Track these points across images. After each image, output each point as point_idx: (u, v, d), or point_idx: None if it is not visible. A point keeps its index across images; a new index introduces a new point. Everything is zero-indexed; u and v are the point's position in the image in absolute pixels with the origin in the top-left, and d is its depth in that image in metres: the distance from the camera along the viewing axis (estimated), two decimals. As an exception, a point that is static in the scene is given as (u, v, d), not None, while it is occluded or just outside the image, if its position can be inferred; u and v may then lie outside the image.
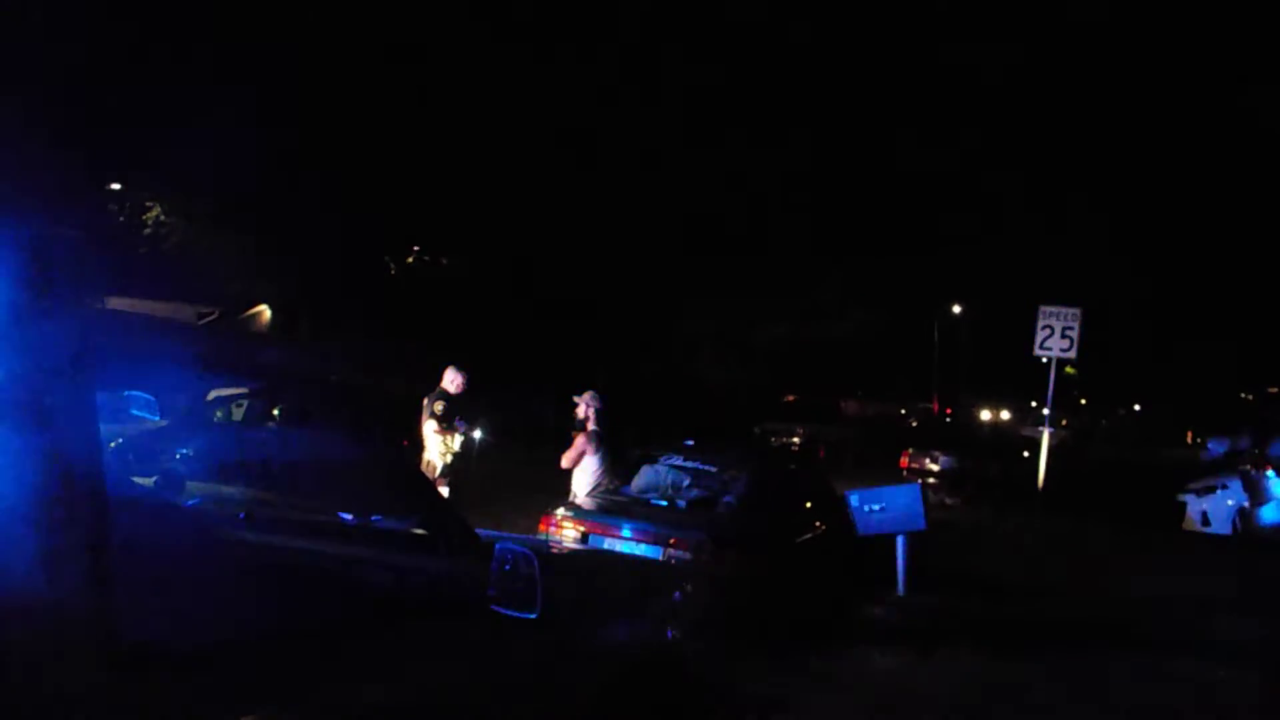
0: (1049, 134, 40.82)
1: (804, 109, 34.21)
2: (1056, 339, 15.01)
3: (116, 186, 26.10)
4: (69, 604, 1.96)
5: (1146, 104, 42.98)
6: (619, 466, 8.61)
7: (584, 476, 8.40)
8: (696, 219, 31.09)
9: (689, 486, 8.29)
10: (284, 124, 25.03)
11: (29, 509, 1.94)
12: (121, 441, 5.76)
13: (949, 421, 34.13)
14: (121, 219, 26.01)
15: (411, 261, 32.68)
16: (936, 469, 20.18)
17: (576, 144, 29.39)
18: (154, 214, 26.62)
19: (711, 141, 31.90)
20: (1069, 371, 33.37)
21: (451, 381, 8.71)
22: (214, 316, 23.04)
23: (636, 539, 7.31)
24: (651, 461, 8.62)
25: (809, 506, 9.07)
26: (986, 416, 35.05)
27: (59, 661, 1.98)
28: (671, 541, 7.20)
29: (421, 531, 2.93)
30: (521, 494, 9.64)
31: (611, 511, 7.79)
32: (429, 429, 8.58)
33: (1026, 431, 25.70)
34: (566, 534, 7.46)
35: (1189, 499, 16.18)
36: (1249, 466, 16.06)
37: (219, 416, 9.06)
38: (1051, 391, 15.53)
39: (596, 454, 8.41)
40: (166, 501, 3.44)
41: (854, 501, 8.70)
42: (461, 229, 29.58)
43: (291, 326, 23.42)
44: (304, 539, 3.52)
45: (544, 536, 7.49)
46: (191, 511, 3.49)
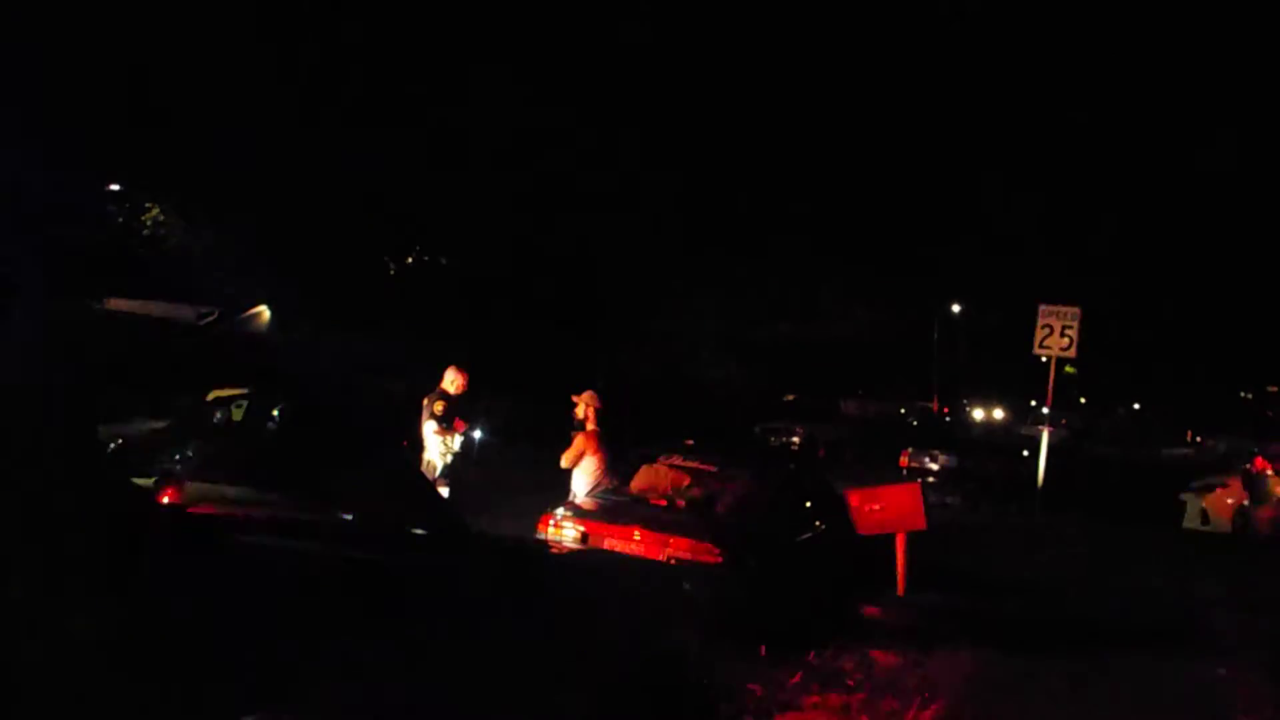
0: (1051, 131, 40.79)
1: (806, 107, 34.21)
2: (1056, 338, 15.03)
3: (116, 187, 26.06)
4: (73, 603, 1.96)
5: (1147, 103, 43.02)
6: (619, 466, 8.61)
7: (584, 476, 8.40)
8: (697, 217, 31.10)
9: (689, 486, 8.30)
10: (283, 123, 25.04)
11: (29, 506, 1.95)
12: (121, 442, 5.77)
13: (947, 421, 34.13)
14: (120, 220, 25.96)
15: (411, 262, 32.65)
16: (936, 468, 20.21)
17: (576, 142, 29.37)
18: (153, 214, 26.57)
19: (712, 139, 31.90)
20: (1069, 370, 33.39)
21: (451, 382, 8.71)
22: (213, 317, 22.94)
23: (636, 538, 7.31)
24: (651, 461, 8.61)
25: (808, 506, 9.07)
26: (984, 415, 35.04)
27: (68, 660, 1.98)
28: (671, 541, 7.20)
29: (422, 532, 2.93)
30: (521, 494, 9.63)
31: (611, 511, 7.79)
32: (429, 429, 8.58)
33: (1026, 430, 25.71)
34: (566, 534, 7.45)
35: (1189, 497, 16.19)
36: (1248, 465, 16.08)
37: (219, 417, 9.07)
38: (1051, 390, 15.55)
39: (596, 454, 8.41)
40: (165, 502, 3.44)
41: (854, 501, 8.70)
42: (460, 229, 29.57)
43: (291, 327, 23.38)
44: (304, 540, 3.52)
45: (544, 536, 7.49)
46: (191, 512, 3.48)
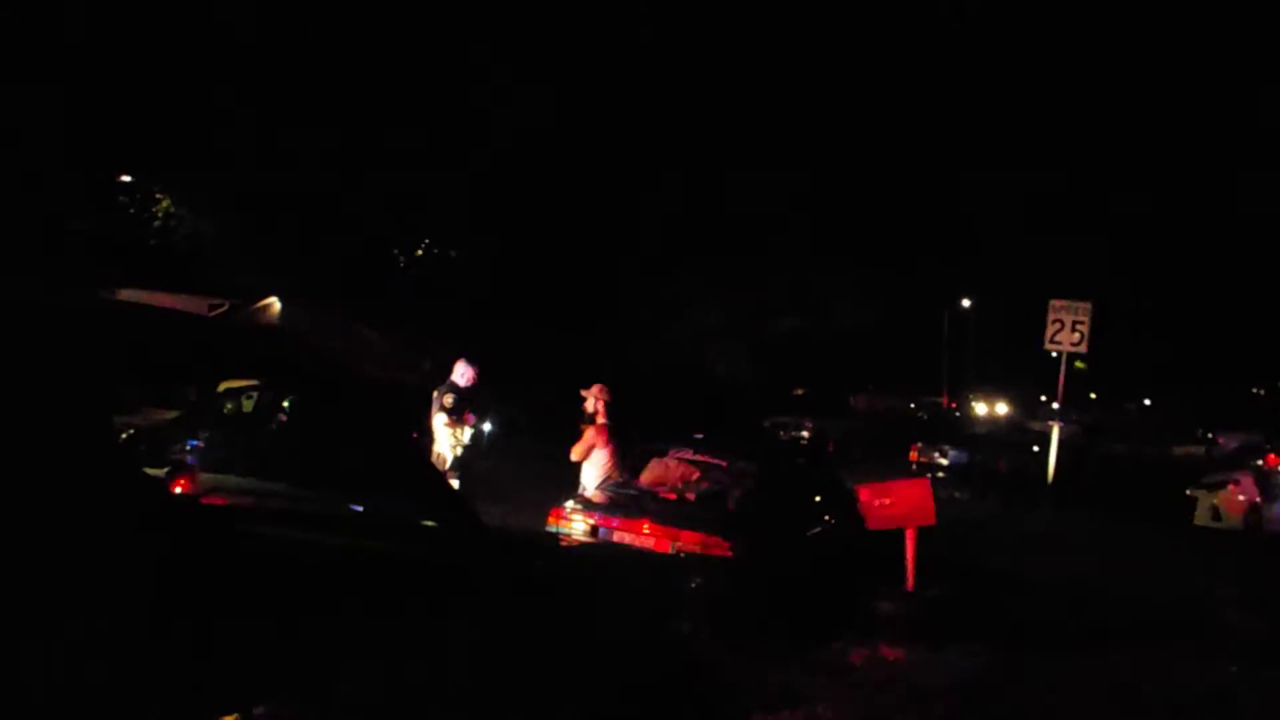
0: (1064, 124, 40.66)
1: (817, 101, 34.09)
2: (1067, 333, 14.97)
3: (127, 178, 26.14)
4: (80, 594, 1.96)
5: (1162, 97, 42.81)
6: (628, 460, 8.60)
7: (593, 469, 8.40)
8: (707, 211, 31.06)
9: (698, 480, 8.29)
10: (294, 115, 25.08)
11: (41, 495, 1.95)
12: (133, 432, 5.79)
13: (957, 416, 34.05)
14: (131, 211, 26.06)
15: (421, 254, 32.68)
16: (946, 463, 20.18)
17: (586, 135, 29.35)
18: (164, 206, 26.66)
19: (721, 133, 31.84)
20: (1079, 366, 33.22)
21: (462, 374, 8.71)
22: (224, 308, 23.05)
23: (646, 532, 7.31)
24: (661, 455, 8.61)
25: (818, 500, 9.05)
26: (993, 410, 34.93)
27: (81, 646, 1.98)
28: (681, 535, 7.19)
29: (432, 523, 2.93)
30: (531, 487, 9.65)
31: (621, 505, 7.79)
32: (439, 422, 8.58)
33: (1036, 426, 25.63)
34: (576, 527, 7.45)
35: (1201, 494, 16.13)
36: (1260, 462, 16.01)
37: (229, 409, 9.09)
38: (1062, 386, 15.49)
39: (606, 447, 8.40)
40: (178, 492, 3.45)
41: (864, 496, 8.68)
42: (470, 222, 29.59)
43: (303, 318, 23.44)
44: (314, 530, 3.52)
45: (554, 529, 7.49)
46: (204, 502, 3.49)
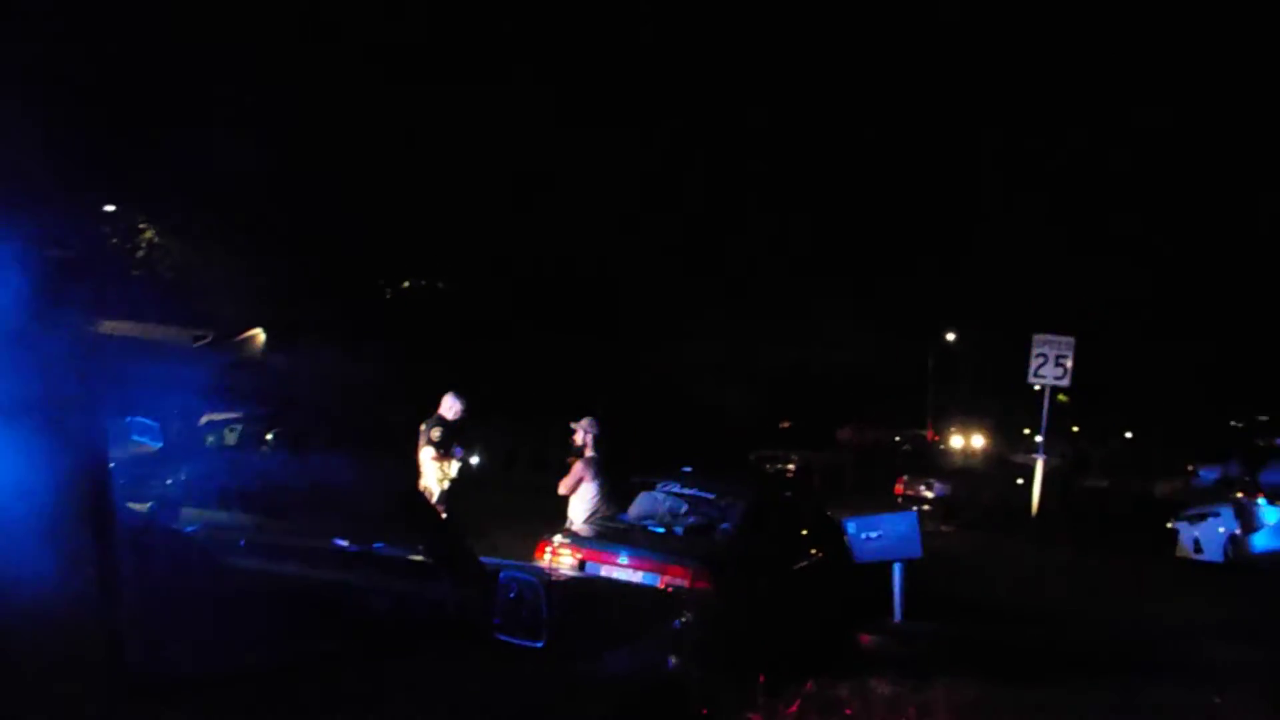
0: (1044, 159, 41.16)
1: (806, 139, 34.47)
2: (1050, 367, 15.06)
3: (110, 208, 26.10)
4: (75, 625, 1.94)
5: (1138, 129, 43.39)
6: (616, 493, 8.58)
7: (581, 503, 8.37)
8: (697, 245, 31.26)
9: (686, 513, 8.27)
10: (279, 147, 25.14)
11: (35, 526, 1.94)
12: (114, 466, 5.74)
13: (942, 449, 34.12)
14: (115, 241, 26.01)
15: (407, 286, 32.69)
16: (931, 496, 20.19)
17: (578, 170, 29.56)
18: (148, 236, 26.62)
19: (714, 170, 32.13)
20: (1061, 399, 33.33)
21: (450, 408, 8.70)
22: (208, 339, 22.96)
23: (634, 566, 7.28)
24: (649, 488, 8.60)
25: (805, 534, 9.05)
26: (978, 444, 35.01)
27: (63, 684, 1.96)
28: (669, 569, 7.17)
29: (425, 559, 2.92)
30: (518, 520, 9.60)
31: (609, 538, 7.77)
32: (426, 455, 8.56)
33: (1019, 459, 25.72)
34: (564, 560, 7.42)
35: (1181, 526, 16.18)
36: (1240, 494, 16.08)
37: (211, 441, 9.03)
38: (1046, 419, 15.57)
39: (594, 480, 8.38)
40: (164, 526, 3.42)
41: (851, 529, 8.69)
42: (457, 254, 29.66)
43: (287, 350, 23.38)
44: (301, 566, 3.51)
45: (541, 563, 7.46)
46: (189, 537, 3.47)
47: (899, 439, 34.23)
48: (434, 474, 8.49)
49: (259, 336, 24.12)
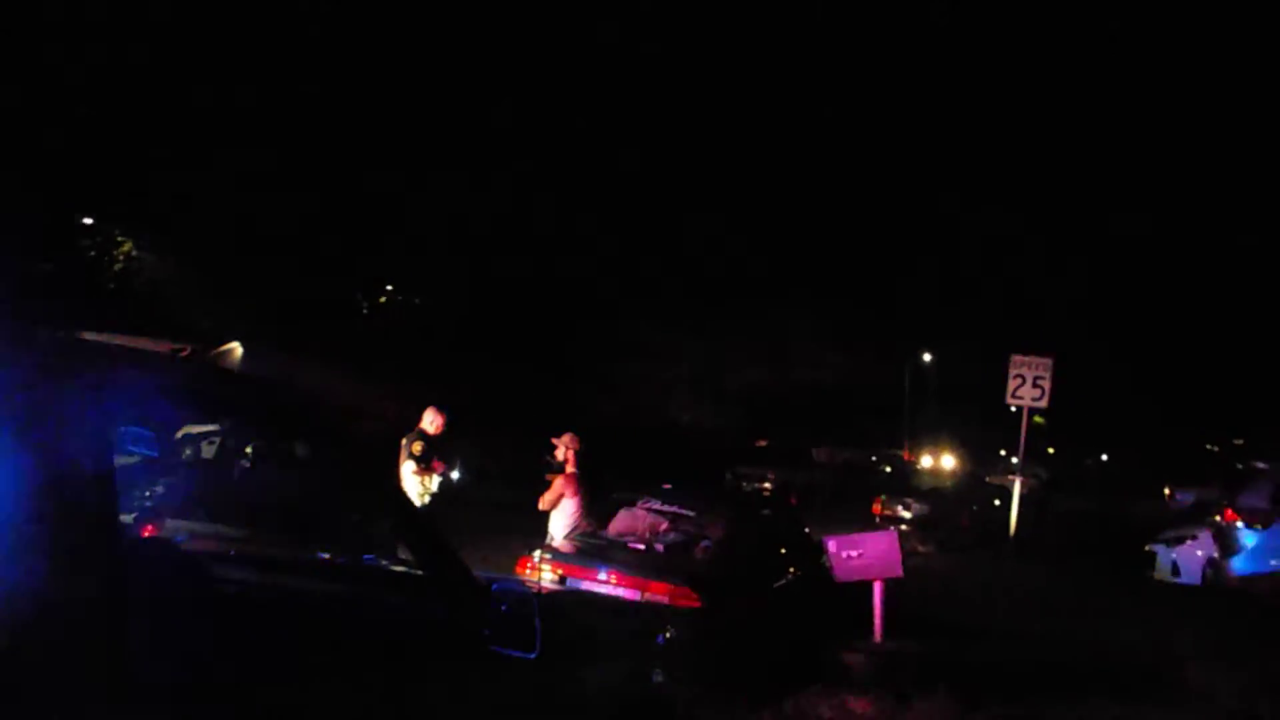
0: (1021, 177, 41.59)
1: (780, 157, 34.69)
2: (1028, 388, 15.10)
3: (88, 221, 25.90)
4: (77, 632, 1.92)
5: (1117, 146, 43.91)
6: (596, 509, 8.56)
7: (562, 519, 8.35)
8: (672, 264, 31.34)
9: (666, 530, 8.27)
10: (257, 160, 25.05)
11: (36, 529, 1.91)
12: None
13: (918, 469, 34.25)
14: (93, 254, 25.80)
15: (384, 301, 32.58)
16: (909, 515, 20.24)
17: (553, 184, 29.60)
18: (125, 249, 26.42)
19: (687, 188, 32.26)
20: (1038, 421, 33.51)
21: (431, 422, 8.66)
22: (186, 352, 22.73)
23: (615, 582, 7.26)
24: (629, 505, 8.59)
25: (785, 552, 9.06)
26: (951, 464, 35.18)
27: (64, 691, 1.93)
28: (650, 585, 7.16)
29: (415, 571, 2.89)
30: (499, 535, 9.56)
31: (589, 554, 7.75)
32: (407, 470, 8.51)
33: (995, 480, 25.83)
34: (545, 576, 7.39)
35: (1159, 549, 16.26)
36: (1218, 517, 16.19)
37: (188, 455, 8.93)
38: (1024, 440, 15.63)
39: (575, 496, 8.36)
40: (152, 538, 3.38)
41: (831, 548, 8.68)
42: (432, 269, 29.62)
43: (264, 364, 23.20)
44: (288, 577, 3.47)
45: (522, 579, 7.42)
46: (175, 548, 3.43)
47: (875, 459, 34.31)
48: (415, 488, 8.43)
49: (236, 350, 23.93)
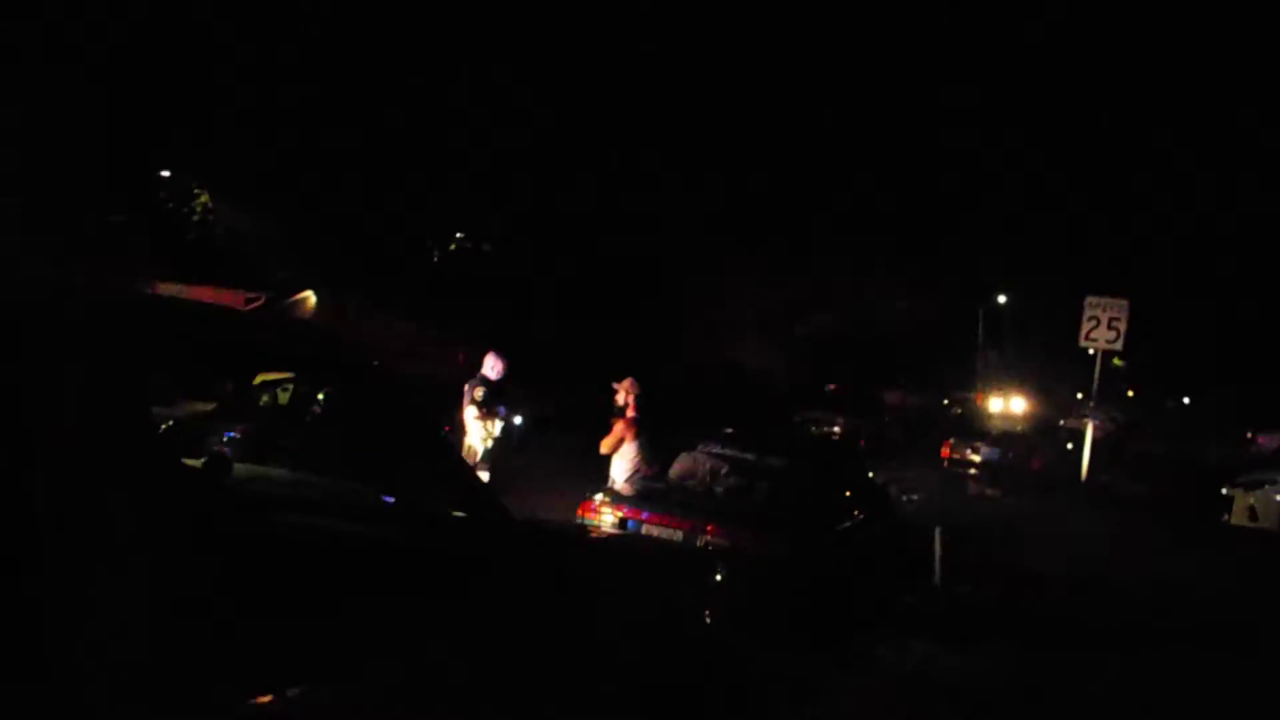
0: (1098, 112, 40.13)
1: (850, 96, 33.95)
2: (1103, 330, 14.80)
3: (166, 174, 26.52)
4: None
5: (1198, 74, 42.09)
6: (658, 453, 8.65)
7: (623, 463, 8.44)
8: (740, 207, 31.03)
9: (727, 474, 8.33)
10: (329, 109, 25.34)
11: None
12: (172, 424, 5.93)
13: (990, 412, 33.76)
14: (170, 206, 26.44)
15: (454, 248, 32.90)
16: (978, 460, 20.04)
17: (617, 130, 29.41)
18: (202, 200, 27.03)
19: (755, 128, 31.78)
20: (1116, 363, 32.69)
21: (492, 368, 8.79)
22: (260, 301, 23.38)
23: (674, 525, 7.35)
24: (690, 449, 8.67)
25: (848, 495, 9.06)
26: (1028, 408, 34.60)
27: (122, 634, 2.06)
28: (709, 528, 7.24)
29: (460, 514, 2.99)
30: (561, 480, 9.68)
31: (649, 498, 7.85)
32: (470, 415, 8.67)
33: (1070, 423, 25.38)
34: (605, 519, 7.51)
35: (1236, 493, 15.93)
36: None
37: (265, 401, 9.23)
38: (1097, 383, 15.35)
39: (636, 441, 8.44)
40: (213, 482, 3.53)
41: (891, 492, 8.68)
42: (502, 216, 29.76)
43: (337, 311, 23.72)
44: (348, 521, 3.60)
45: (583, 522, 7.56)
46: (236, 492, 3.58)
47: (947, 402, 33.92)
48: (478, 433, 8.60)
49: (310, 298, 24.48)
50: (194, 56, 23.05)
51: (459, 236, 33.11)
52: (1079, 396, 34.97)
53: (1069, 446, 20.38)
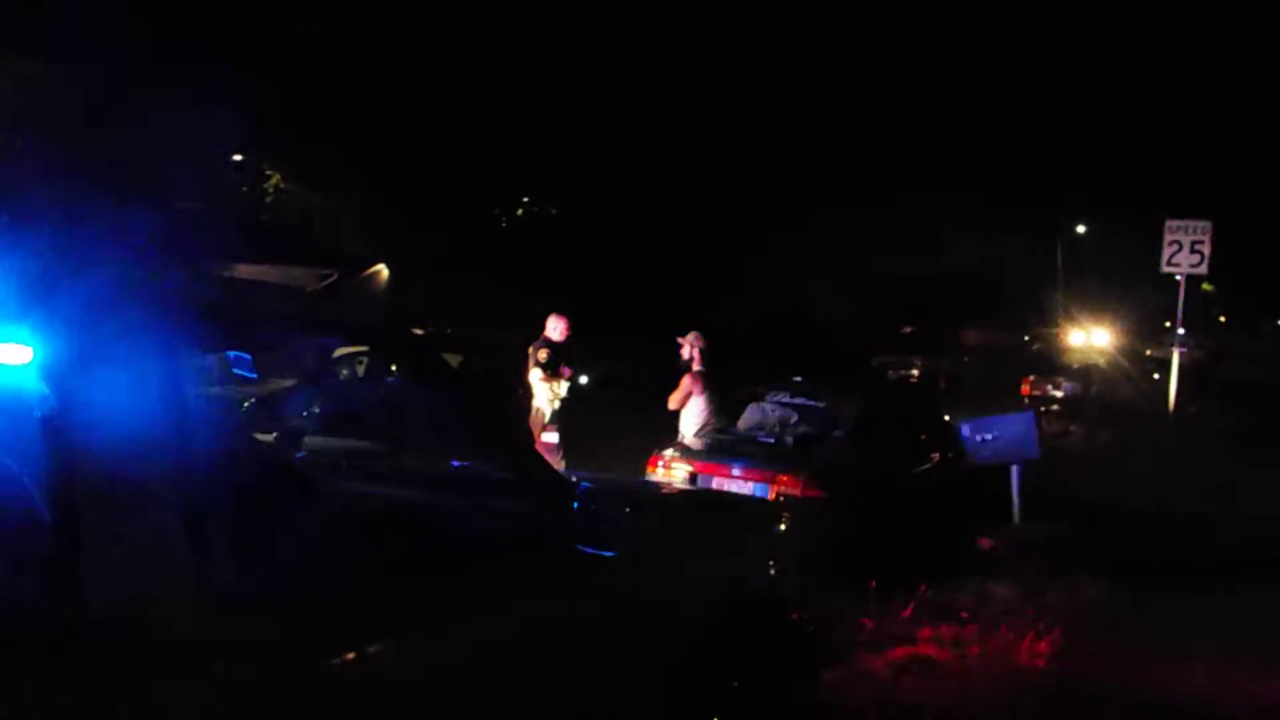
0: (1174, 24, 38.32)
1: (916, 22, 33.05)
2: (1185, 254, 14.32)
3: (238, 158, 27.04)
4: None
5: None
6: (727, 406, 8.67)
7: (691, 417, 8.48)
8: (811, 151, 30.58)
9: (797, 423, 8.32)
10: (393, 84, 25.56)
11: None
12: (254, 400, 6.13)
13: (1070, 346, 32.97)
14: (244, 189, 26.97)
15: (521, 213, 33.08)
16: (1060, 395, 19.65)
17: (682, 81, 29.11)
18: (274, 182, 27.53)
19: (821, 71, 31.18)
20: (1206, 288, 31.47)
21: (554, 329, 8.88)
22: (333, 278, 23.80)
23: (744, 477, 7.39)
24: (758, 399, 8.67)
25: (922, 438, 8.98)
26: (1111, 339, 33.66)
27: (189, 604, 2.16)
28: (780, 478, 7.25)
29: (512, 476, 3.05)
30: (629, 436, 9.72)
31: (719, 450, 7.89)
32: (535, 377, 8.77)
33: (1156, 353, 24.64)
34: (675, 474, 7.58)
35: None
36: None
37: (344, 374, 9.51)
38: (1182, 309, 14.88)
39: (703, 394, 8.47)
40: (278, 455, 3.66)
41: (964, 431, 8.57)
42: (567, 178, 29.77)
43: (410, 283, 24.10)
44: (412, 489, 3.71)
45: (652, 477, 7.64)
46: (301, 463, 3.71)
47: (1028, 338, 33.18)
48: (544, 394, 8.70)
49: (383, 272, 24.87)
50: (258, 35, 23.36)
51: (525, 201, 33.26)
52: (1167, 324, 33.90)
53: (1155, 377, 19.82)
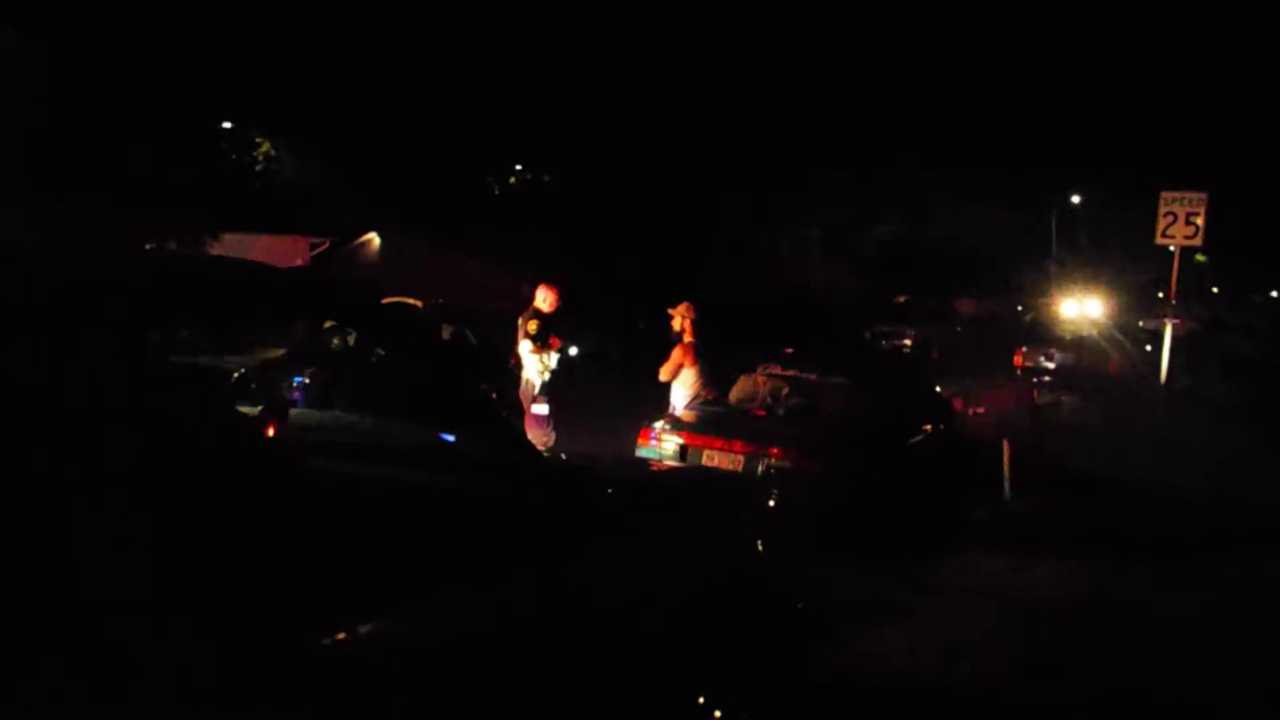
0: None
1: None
2: (1180, 226, 14.24)
3: (227, 125, 26.77)
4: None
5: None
6: (718, 378, 8.62)
7: (682, 389, 8.44)
8: (798, 118, 30.37)
9: (788, 395, 8.27)
10: (383, 49, 25.30)
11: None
12: (244, 372, 6.07)
13: (1063, 318, 32.96)
14: (234, 157, 26.73)
15: (514, 182, 32.85)
16: (1052, 366, 19.63)
17: (672, 44, 28.86)
18: (264, 150, 27.30)
19: (811, 32, 30.92)
20: (1199, 260, 31.37)
21: (544, 300, 8.80)
22: (325, 246, 23.71)
23: (736, 449, 7.35)
24: (750, 371, 8.62)
25: (914, 410, 8.95)
26: (1104, 310, 33.63)
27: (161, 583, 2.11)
28: (771, 451, 7.21)
29: (492, 454, 3.00)
30: (620, 408, 9.69)
31: (710, 422, 7.84)
32: (524, 348, 8.71)
33: (1150, 324, 24.61)
34: (666, 447, 7.54)
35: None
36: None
37: (336, 344, 9.45)
38: (1175, 281, 14.84)
39: (694, 366, 8.42)
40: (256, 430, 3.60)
41: (957, 405, 8.56)
42: (558, 144, 29.55)
43: (402, 252, 23.95)
44: (394, 464, 3.65)
45: (643, 449, 7.60)
46: (287, 441, 3.65)
47: (1021, 309, 33.15)
48: (534, 366, 8.64)
49: (374, 240, 24.72)
50: (248, 4, 23.08)
51: (518, 169, 33.03)
52: (1160, 295, 33.88)
53: (1148, 348, 19.79)
